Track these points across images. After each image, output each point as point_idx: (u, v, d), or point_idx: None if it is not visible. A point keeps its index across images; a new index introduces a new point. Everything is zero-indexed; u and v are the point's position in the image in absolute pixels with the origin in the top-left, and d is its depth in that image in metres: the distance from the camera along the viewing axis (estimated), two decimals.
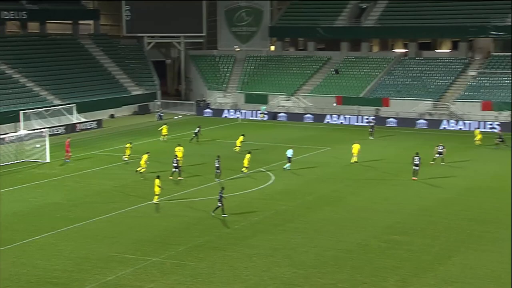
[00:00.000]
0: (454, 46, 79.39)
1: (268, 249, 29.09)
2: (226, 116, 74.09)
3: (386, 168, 45.75)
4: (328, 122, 69.30)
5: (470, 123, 63.25)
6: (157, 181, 36.62)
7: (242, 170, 43.76)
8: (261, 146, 53.86)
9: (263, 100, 76.07)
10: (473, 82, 69.30)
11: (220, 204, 33.99)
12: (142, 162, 43.36)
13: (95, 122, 66.70)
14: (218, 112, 75.53)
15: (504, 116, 63.63)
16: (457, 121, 64.34)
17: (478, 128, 59.43)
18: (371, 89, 72.99)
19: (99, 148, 54.83)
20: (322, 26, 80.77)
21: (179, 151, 45.40)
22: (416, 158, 41.70)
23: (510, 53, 70.87)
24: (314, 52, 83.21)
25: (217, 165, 42.15)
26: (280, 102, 75.22)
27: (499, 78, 68.55)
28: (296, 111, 73.26)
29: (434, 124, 64.74)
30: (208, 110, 76.17)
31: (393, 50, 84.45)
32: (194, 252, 28.78)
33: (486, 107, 64.64)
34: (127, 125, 67.81)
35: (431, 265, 27.01)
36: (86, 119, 66.90)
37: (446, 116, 66.26)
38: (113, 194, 39.39)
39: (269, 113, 72.87)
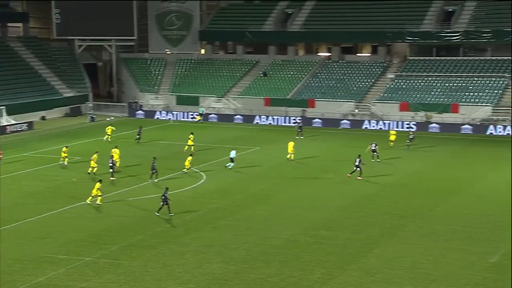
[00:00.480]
0: (374, 50, 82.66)
1: (200, 246, 29.95)
2: (158, 118, 74.46)
3: (313, 167, 47.43)
4: (257, 122, 70.84)
5: (389, 123, 66.26)
6: (97, 185, 36.78)
7: (183, 170, 44.46)
8: (193, 147, 54.58)
9: (194, 101, 76.98)
10: (392, 85, 72.51)
11: (164, 204, 34.56)
12: (92, 162, 43.68)
13: (25, 124, 65.78)
14: (150, 113, 75.83)
15: (420, 116, 66.99)
16: (377, 121, 67.21)
17: (394, 128, 62.17)
18: (297, 91, 75.14)
19: (30, 150, 54.31)
20: (250, 31, 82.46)
21: (115, 153, 45.69)
22: (357, 160, 43.06)
23: (425, 57, 74.69)
24: (243, 56, 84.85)
25: (153, 166, 42.68)
26: (211, 104, 76.30)
27: (415, 81, 72.01)
28: (227, 112, 74.48)
29: (356, 124, 67.35)
30: (140, 111, 76.35)
31: (318, 54, 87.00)
32: (127, 251, 29.31)
33: (403, 108, 67.86)
34: (59, 127, 67.19)
35: (354, 258, 28.42)
36: (16, 121, 65.88)
37: (368, 116, 69.07)
38: (46, 195, 39.41)
39: (199, 114, 73.74)
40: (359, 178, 42.66)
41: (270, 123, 70.28)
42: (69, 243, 30.41)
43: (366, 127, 66.47)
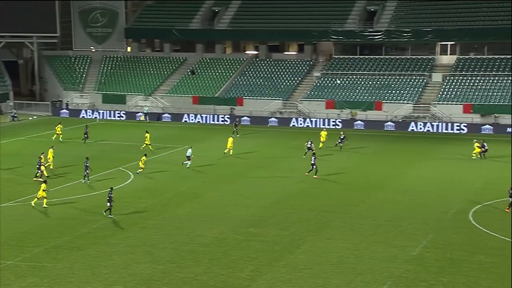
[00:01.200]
0: (300, 49, 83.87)
1: (128, 246, 29.61)
2: (83, 117, 72.95)
3: (242, 165, 47.71)
4: (185, 121, 70.55)
5: (316, 120, 67.46)
6: (43, 186, 35.74)
7: (138, 171, 43.79)
8: (120, 146, 53.94)
9: (121, 100, 75.87)
10: (318, 83, 73.81)
11: (109, 205, 33.95)
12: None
13: None
14: (75, 112, 74.20)
15: (345, 113, 68.54)
16: (304, 119, 68.26)
17: (322, 126, 63.37)
18: (225, 89, 75.32)
19: None
20: (177, 28, 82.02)
21: (50, 153, 44.50)
22: (313, 158, 43.27)
23: (349, 56, 76.44)
24: (170, 54, 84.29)
25: (86, 166, 41.64)
26: (138, 102, 75.38)
27: (340, 79, 73.48)
28: (154, 110, 73.79)
29: (284, 122, 68.19)
30: (64, 110, 74.59)
31: (245, 52, 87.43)
32: (51, 253, 28.65)
33: (329, 105, 69.25)
34: None
35: (282, 254, 28.75)
36: None
37: (295, 114, 70.07)
38: None
39: (127, 113, 72.78)
40: (315, 176, 42.86)
41: (198, 122, 70.12)
42: None
43: (293, 125, 67.35)
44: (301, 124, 67.63)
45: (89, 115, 73.17)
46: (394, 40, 75.45)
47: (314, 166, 43.06)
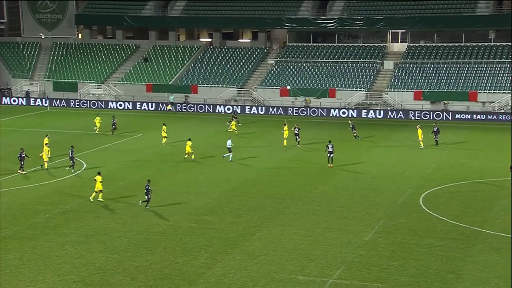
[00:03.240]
0: (254, 36, 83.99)
1: (81, 236, 29.28)
2: (33, 105, 71.45)
3: (196, 153, 47.52)
4: (139, 109, 69.85)
5: (270, 107, 67.72)
6: (99, 178, 34.58)
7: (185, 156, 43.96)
8: (72, 134, 53.15)
9: (72, 88, 74.57)
10: (272, 70, 74.04)
11: (147, 197, 33.22)
12: (45, 156, 41.54)
13: None
14: (24, 100, 72.58)
15: (299, 101, 68.98)
16: (259, 106, 68.41)
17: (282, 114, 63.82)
18: (179, 77, 74.82)
19: None
20: (129, 15, 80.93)
21: (46, 141, 43.00)
22: (330, 146, 42.86)
23: (303, 43, 76.90)
24: (123, 41, 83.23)
25: (71, 156, 40.70)
26: (90, 90, 74.24)
27: (294, 66, 73.97)
28: (107, 98, 72.81)
29: (239, 109, 68.15)
30: (14, 98, 72.86)
31: (199, 40, 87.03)
32: (1, 244, 28.06)
33: (283, 93, 69.58)
34: None
35: (237, 241, 28.84)
36: None
37: (250, 102, 70.14)
38: None
39: (79, 101, 71.63)
40: (330, 165, 42.61)
41: (152, 109, 69.48)
42: None
43: (248, 112, 67.45)
44: (254, 111, 67.68)
45: (39, 103, 71.70)
46: (347, 28, 76.19)
47: (330, 154, 42.61)
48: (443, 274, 25.17)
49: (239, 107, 68.25)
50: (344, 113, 66.10)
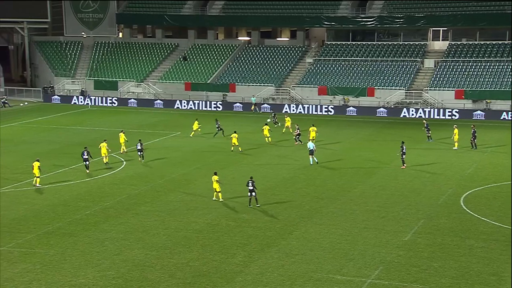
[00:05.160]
0: (293, 35, 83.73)
1: (120, 233, 29.64)
2: (75, 103, 72.68)
3: (234, 152, 47.66)
4: (177, 107, 70.39)
5: (308, 106, 67.48)
6: (215, 177, 34.66)
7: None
8: (112, 132, 53.78)
9: (112, 86, 75.60)
10: (310, 69, 73.73)
11: (253, 194, 33.30)
12: (104, 150, 42.22)
13: None
14: (66, 98, 73.90)
15: (338, 100, 68.55)
16: (297, 105, 68.24)
17: (313, 113, 63.36)
18: (218, 75, 75.13)
19: None
20: (169, 14, 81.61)
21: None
22: (404, 147, 42.25)
23: (342, 42, 76.43)
24: (162, 39, 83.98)
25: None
26: (130, 89, 75.14)
27: (333, 65, 73.54)
28: (146, 97, 73.60)
29: (277, 108, 68.01)
30: (56, 96, 74.25)
31: (238, 38, 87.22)
32: (43, 240, 28.65)
33: (322, 92, 69.25)
34: None
35: (275, 240, 28.81)
36: None
37: (288, 100, 70.03)
38: None
39: (119, 99, 72.58)
40: (402, 167, 42.07)
41: (190, 108, 69.96)
42: None
43: (286, 111, 67.36)
44: (293, 110, 67.58)
45: (81, 101, 72.89)
46: (387, 26, 75.38)
47: (403, 156, 42.15)
48: (484, 276, 24.71)
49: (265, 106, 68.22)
50: (383, 112, 65.44)
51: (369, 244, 28.17)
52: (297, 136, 49.74)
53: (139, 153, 43.56)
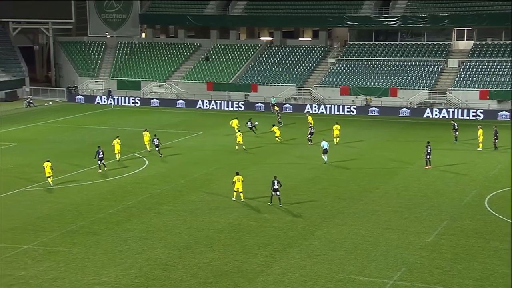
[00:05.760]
0: (315, 35, 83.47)
1: (143, 232, 29.80)
2: (98, 103, 73.27)
3: (256, 151, 47.72)
4: (199, 107, 70.59)
5: (330, 106, 67.25)
6: (239, 177, 34.53)
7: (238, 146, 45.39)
8: (135, 132, 54.12)
9: (135, 86, 76.06)
10: (333, 69, 73.44)
11: (277, 194, 33.45)
12: (117, 147, 43.06)
13: None
14: (90, 98, 74.52)
15: (360, 100, 68.21)
16: (319, 105, 68.04)
17: (336, 113, 63.11)
18: (240, 75, 75.21)
19: None
20: (191, 14, 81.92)
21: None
22: (429, 147, 42.00)
23: (364, 42, 76.00)
24: (185, 40, 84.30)
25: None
26: (153, 89, 75.54)
27: (355, 65, 73.20)
28: (169, 97, 73.94)
29: (298, 108, 67.95)
30: (79, 96, 74.92)
31: (260, 38, 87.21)
32: (67, 238, 28.92)
33: (344, 92, 68.95)
34: None
35: (296, 240, 28.76)
36: None
37: (309, 100, 69.85)
38: None
39: (141, 99, 73.00)
40: (426, 167, 41.69)
41: (213, 108, 70.12)
42: (6, 231, 29.80)
43: (308, 111, 67.16)
44: (315, 110, 67.39)
45: (104, 101, 73.46)
46: (410, 25, 74.81)
47: (428, 156, 41.78)
48: (509, 278, 24.39)
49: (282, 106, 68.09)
50: (406, 112, 64.98)
51: (391, 245, 27.98)
52: (310, 135, 49.58)
53: (156, 148, 44.35)
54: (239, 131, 48.90)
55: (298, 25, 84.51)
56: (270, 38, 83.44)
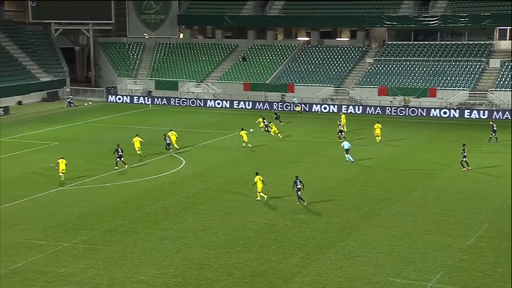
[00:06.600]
0: (353, 35, 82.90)
1: (180, 231, 29.96)
2: (136, 103, 74.05)
3: (292, 151, 47.62)
4: (236, 107, 70.75)
5: (368, 107, 66.67)
6: (259, 177, 34.87)
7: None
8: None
9: (173, 86, 76.68)
10: (370, 69, 72.80)
11: (297, 194, 33.70)
12: (137, 144, 44.15)
13: (1, 109, 65.19)
14: (128, 98, 75.34)
15: (398, 100, 67.43)
16: (356, 105, 67.50)
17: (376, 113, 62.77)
18: (276, 76, 75.13)
19: (6, 135, 53.87)
20: (228, 15, 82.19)
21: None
22: (465, 150, 41.36)
23: (403, 42, 75.17)
24: (222, 40, 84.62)
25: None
26: (190, 89, 76.03)
27: (393, 65, 72.41)
28: (206, 97, 74.30)
29: (336, 108, 67.42)
30: (118, 96, 75.83)
31: (297, 38, 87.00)
32: (106, 236, 29.28)
33: (382, 92, 68.27)
34: (35, 112, 66.73)
35: (333, 241, 28.59)
36: None
37: (347, 101, 69.35)
38: (22, 181, 39.13)
39: (179, 100, 73.52)
40: (464, 169, 41.14)
41: (249, 108, 70.20)
42: (47, 229, 30.30)
43: (344, 112, 66.69)
44: (351, 111, 66.88)
45: (141, 101, 74.21)
46: (451, 25, 73.69)
47: (464, 159, 41.19)
48: None
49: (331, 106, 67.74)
50: (445, 113, 64.04)
51: (430, 248, 27.59)
52: (340, 133, 49.30)
53: (168, 146, 45.36)
54: (266, 129, 50.16)
55: (336, 25, 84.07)
56: (308, 38, 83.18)
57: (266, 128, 52.69)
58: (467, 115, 63.36)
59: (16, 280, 24.64)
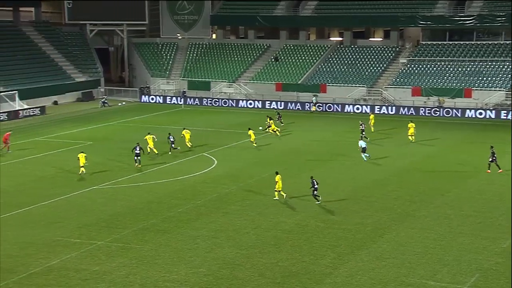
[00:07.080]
0: (386, 35, 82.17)
1: (211, 231, 30.06)
2: (169, 103, 74.58)
3: (324, 152, 47.40)
4: (268, 108, 70.66)
5: (401, 107, 65.99)
6: (277, 177, 35.09)
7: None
8: (204, 131, 54.84)
9: (205, 86, 77.01)
10: (404, 69, 72.05)
11: (313, 193, 34.07)
12: (150, 142, 45.18)
13: (38, 109, 66.25)
14: (161, 98, 75.93)
15: (432, 101, 66.59)
16: (389, 106, 66.88)
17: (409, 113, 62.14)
18: (309, 76, 74.89)
19: (42, 134, 54.78)
20: (261, 15, 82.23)
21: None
22: (494, 151, 40.96)
23: (438, 42, 74.21)
24: (254, 40, 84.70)
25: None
26: (222, 89, 76.28)
27: (428, 65, 71.54)
28: (238, 97, 74.45)
29: (368, 109, 66.80)
30: (152, 96, 76.47)
31: (330, 38, 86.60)
32: (139, 235, 29.50)
33: (416, 92, 67.49)
34: (71, 112, 67.69)
35: (365, 243, 28.38)
36: (28, 106, 66.32)
37: (380, 101, 68.77)
38: (57, 180, 39.73)
39: (211, 100, 73.76)
40: (488, 171, 40.73)
41: (281, 108, 70.03)
42: (81, 227, 30.69)
43: (377, 112, 66.19)
44: (384, 111, 66.27)
45: (174, 101, 74.71)
46: (487, 25, 72.49)
47: (493, 161, 40.59)
48: None
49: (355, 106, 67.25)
50: (481, 114, 63.04)
51: (464, 250, 27.19)
52: (362, 132, 49.15)
53: (172, 145, 45.68)
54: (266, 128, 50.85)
55: (369, 25, 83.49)
56: (340, 39, 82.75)
57: (266, 128, 52.44)
58: (504, 115, 62.27)
59: (51, 278, 25.01)
